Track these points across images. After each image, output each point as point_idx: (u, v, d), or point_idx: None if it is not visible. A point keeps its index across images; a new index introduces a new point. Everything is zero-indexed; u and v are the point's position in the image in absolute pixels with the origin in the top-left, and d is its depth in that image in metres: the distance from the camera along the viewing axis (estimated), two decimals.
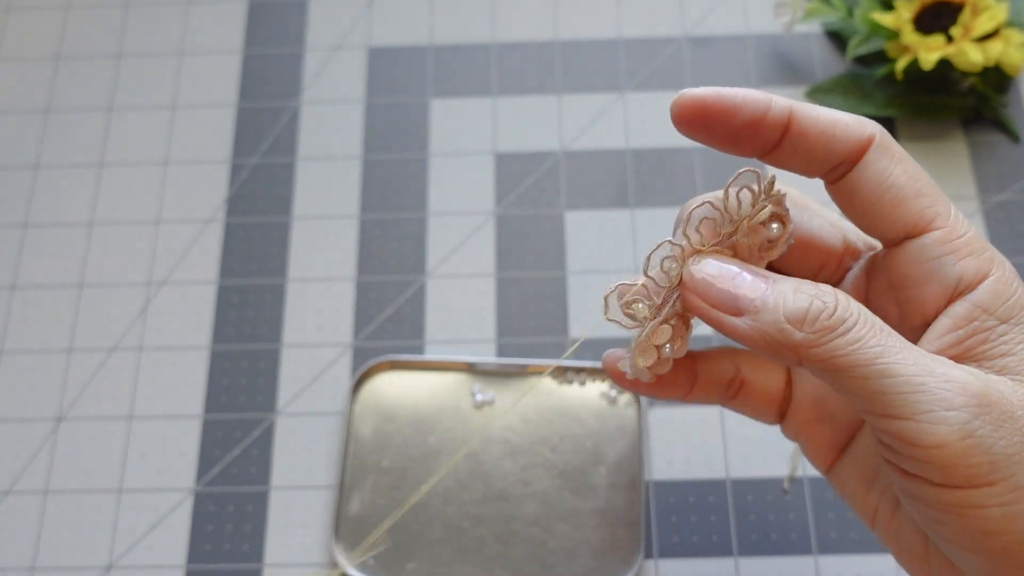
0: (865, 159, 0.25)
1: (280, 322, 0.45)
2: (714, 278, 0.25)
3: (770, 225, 0.26)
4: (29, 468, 0.42)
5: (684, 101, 0.25)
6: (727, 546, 0.39)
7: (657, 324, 0.27)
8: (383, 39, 0.51)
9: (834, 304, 0.23)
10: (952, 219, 0.25)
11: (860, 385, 0.23)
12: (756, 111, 0.25)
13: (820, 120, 0.25)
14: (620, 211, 0.46)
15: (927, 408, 0.22)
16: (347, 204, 0.47)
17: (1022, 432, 0.22)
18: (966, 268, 0.25)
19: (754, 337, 0.24)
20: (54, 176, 0.48)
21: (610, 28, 0.51)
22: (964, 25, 0.44)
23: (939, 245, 0.25)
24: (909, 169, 0.26)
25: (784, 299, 0.24)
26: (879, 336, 0.23)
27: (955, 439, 0.22)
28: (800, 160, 0.26)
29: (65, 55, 0.52)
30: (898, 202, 0.25)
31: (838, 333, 0.23)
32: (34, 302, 0.46)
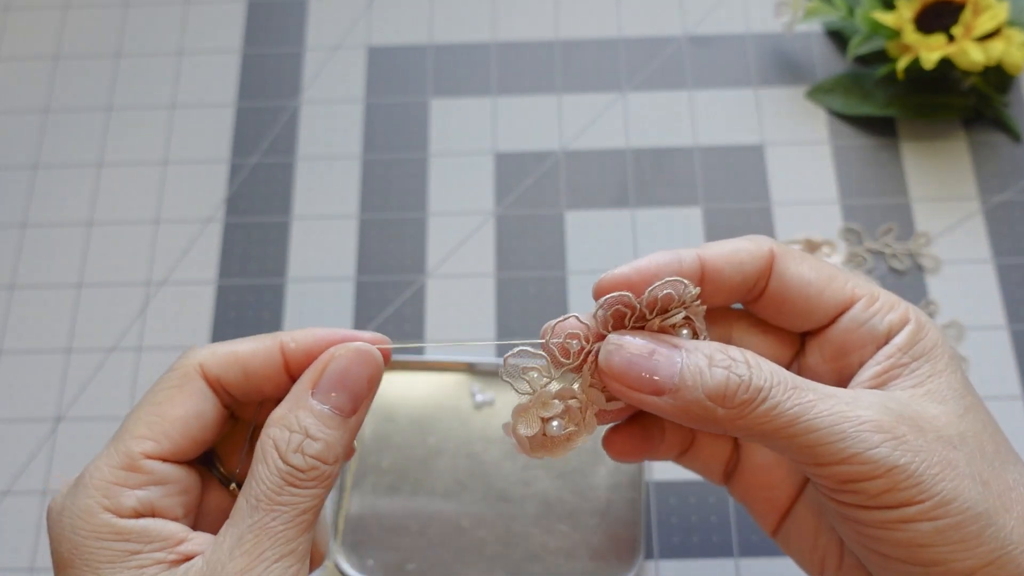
0: (777, 270, 0.29)
1: (279, 323, 0.45)
2: (628, 363, 0.26)
3: (680, 331, 0.27)
4: (28, 468, 0.42)
5: (606, 285, 0.27)
6: (728, 547, 0.39)
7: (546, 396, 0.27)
8: (383, 38, 0.51)
9: (748, 375, 0.25)
10: (865, 287, 0.29)
11: (787, 444, 0.25)
12: (671, 271, 0.27)
13: (726, 252, 0.28)
14: (620, 211, 0.46)
15: (852, 452, 0.25)
16: (347, 204, 0.47)
17: (937, 443, 0.25)
18: (892, 321, 0.28)
19: (678, 415, 0.26)
20: (53, 176, 0.48)
21: (610, 28, 0.51)
22: (965, 24, 0.44)
23: (865, 310, 0.28)
24: (814, 264, 0.29)
25: (701, 376, 0.26)
26: (794, 395, 0.25)
27: (882, 471, 0.25)
28: (723, 292, 0.29)
29: (64, 55, 0.51)
30: (821, 291, 0.29)
31: (757, 403, 0.25)
32: (33, 302, 0.45)
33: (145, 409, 0.27)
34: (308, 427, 0.26)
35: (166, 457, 0.27)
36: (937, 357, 0.28)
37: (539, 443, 0.27)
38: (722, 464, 0.32)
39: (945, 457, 0.25)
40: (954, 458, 0.25)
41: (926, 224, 0.45)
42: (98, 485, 0.26)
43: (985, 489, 0.25)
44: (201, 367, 0.28)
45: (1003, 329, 0.43)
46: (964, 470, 0.25)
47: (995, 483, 0.26)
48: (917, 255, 0.45)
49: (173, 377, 0.28)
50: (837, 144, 0.47)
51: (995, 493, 0.25)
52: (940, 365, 0.28)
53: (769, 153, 0.47)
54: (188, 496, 0.28)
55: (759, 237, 0.29)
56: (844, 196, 0.46)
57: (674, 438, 0.32)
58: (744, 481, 0.32)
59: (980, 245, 0.45)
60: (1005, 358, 0.42)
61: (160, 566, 0.25)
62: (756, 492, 0.32)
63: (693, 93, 0.49)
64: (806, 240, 0.45)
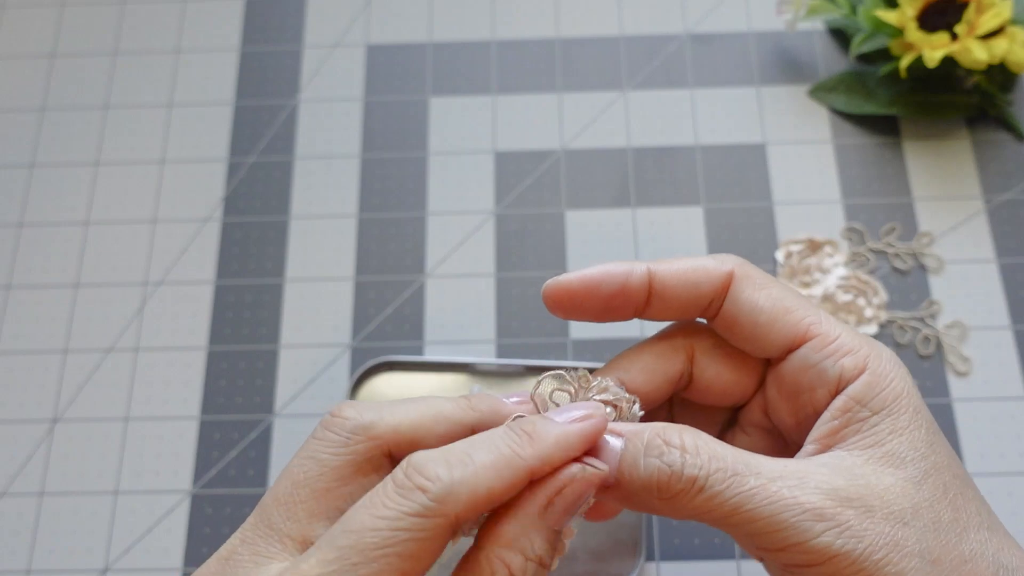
0: (731, 293, 0.28)
1: (278, 323, 0.44)
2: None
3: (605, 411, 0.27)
4: (24, 470, 0.42)
5: (551, 292, 0.28)
6: (729, 548, 0.39)
7: None
8: (382, 36, 0.51)
9: (680, 464, 0.25)
10: (824, 325, 0.28)
11: (733, 532, 0.25)
12: (616, 283, 0.28)
13: (679, 271, 0.28)
14: (621, 210, 0.46)
15: (794, 541, 0.25)
16: (345, 203, 0.47)
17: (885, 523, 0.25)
18: (844, 367, 0.27)
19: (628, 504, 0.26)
20: (49, 175, 0.48)
21: (611, 26, 0.50)
22: (969, 22, 0.43)
23: (817, 351, 0.27)
24: (774, 292, 0.28)
25: (636, 471, 0.25)
26: (735, 482, 0.25)
27: (823, 559, 0.24)
28: (673, 308, 0.29)
29: (60, 53, 0.51)
30: (772, 322, 0.28)
31: (693, 493, 0.25)
32: (29, 302, 0.45)
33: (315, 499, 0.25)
34: (542, 556, 0.24)
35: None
36: (899, 411, 0.27)
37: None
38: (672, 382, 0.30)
39: (892, 539, 0.25)
40: (902, 537, 0.25)
41: (929, 224, 0.45)
42: None
43: (934, 567, 0.25)
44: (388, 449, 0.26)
45: (1007, 329, 0.43)
46: (912, 549, 0.25)
47: (947, 558, 0.25)
48: (920, 255, 0.44)
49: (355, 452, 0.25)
50: (839, 143, 0.47)
51: (945, 571, 0.25)
52: (903, 421, 0.26)
53: (771, 152, 0.47)
54: None
55: (727, 256, 0.29)
56: (846, 195, 0.46)
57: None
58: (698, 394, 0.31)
59: (984, 245, 0.44)
60: (1009, 358, 0.42)
61: None
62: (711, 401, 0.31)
63: (694, 92, 0.49)
64: (808, 240, 0.45)
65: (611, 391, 0.28)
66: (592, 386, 0.28)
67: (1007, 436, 0.41)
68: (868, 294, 0.43)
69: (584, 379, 0.28)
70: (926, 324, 0.43)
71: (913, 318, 0.43)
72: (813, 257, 0.44)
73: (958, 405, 0.41)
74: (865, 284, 0.43)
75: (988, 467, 0.40)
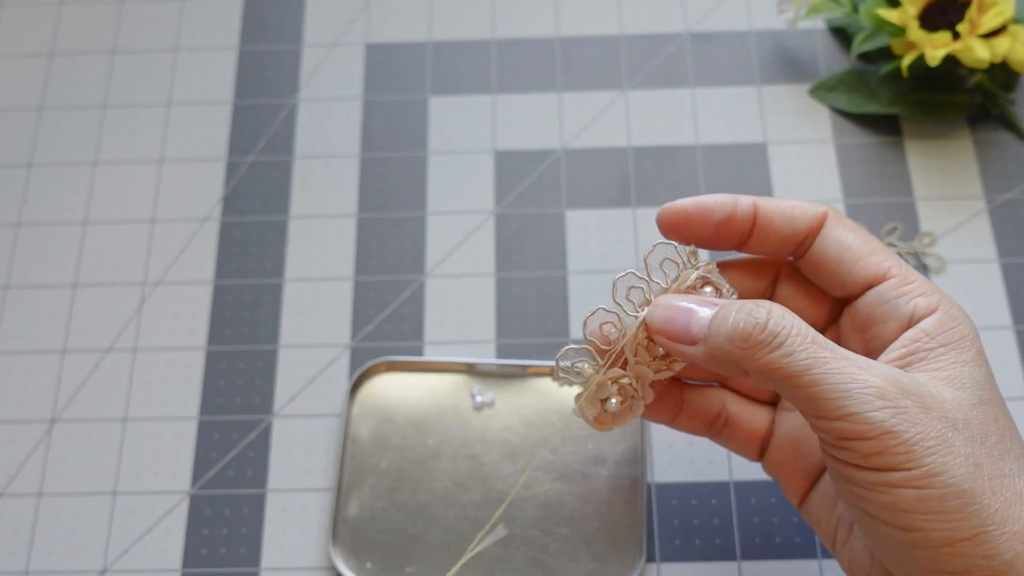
0: (823, 231, 0.31)
1: (277, 322, 0.44)
2: (667, 319, 0.30)
3: (702, 289, 0.31)
4: (22, 471, 0.42)
5: (668, 213, 0.32)
6: (730, 550, 0.39)
7: (599, 380, 0.31)
8: (381, 35, 0.51)
9: (765, 320, 0.28)
10: (904, 269, 0.31)
11: (797, 393, 0.27)
12: (725, 210, 0.31)
13: (781, 206, 0.32)
14: (622, 210, 0.46)
15: (852, 410, 0.26)
16: (345, 203, 0.47)
17: (938, 422, 0.27)
18: (918, 305, 0.30)
19: (707, 359, 0.29)
20: (47, 174, 0.48)
21: (612, 24, 0.50)
22: (971, 21, 0.43)
23: (894, 289, 0.30)
24: (861, 234, 0.32)
25: (725, 323, 0.29)
26: (810, 348, 0.27)
27: (876, 433, 0.26)
28: (772, 241, 0.32)
29: (59, 51, 0.51)
30: (856, 260, 0.31)
31: (771, 347, 0.28)
32: (27, 302, 0.45)
33: None
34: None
35: None
36: (964, 348, 0.29)
37: (604, 419, 0.32)
38: (757, 441, 0.34)
39: (941, 434, 0.27)
40: (951, 437, 0.27)
41: (931, 223, 0.45)
42: None
43: (976, 471, 0.27)
44: None
45: (1009, 329, 0.43)
46: (958, 449, 0.27)
47: (988, 467, 0.27)
48: (922, 254, 0.44)
49: None
50: (841, 142, 0.47)
51: (985, 476, 0.27)
52: (965, 356, 0.29)
53: (772, 152, 0.47)
54: None
55: (819, 202, 0.32)
56: (848, 195, 0.46)
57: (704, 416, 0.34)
58: (776, 455, 0.34)
59: (985, 244, 0.44)
60: (1011, 359, 0.42)
61: None
62: (787, 465, 0.34)
63: (695, 91, 0.48)
64: None
65: (713, 274, 0.31)
66: (700, 264, 0.31)
67: None
68: None
69: (693, 255, 0.32)
70: None
71: None
72: None
73: None
74: None
75: None
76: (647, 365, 0.31)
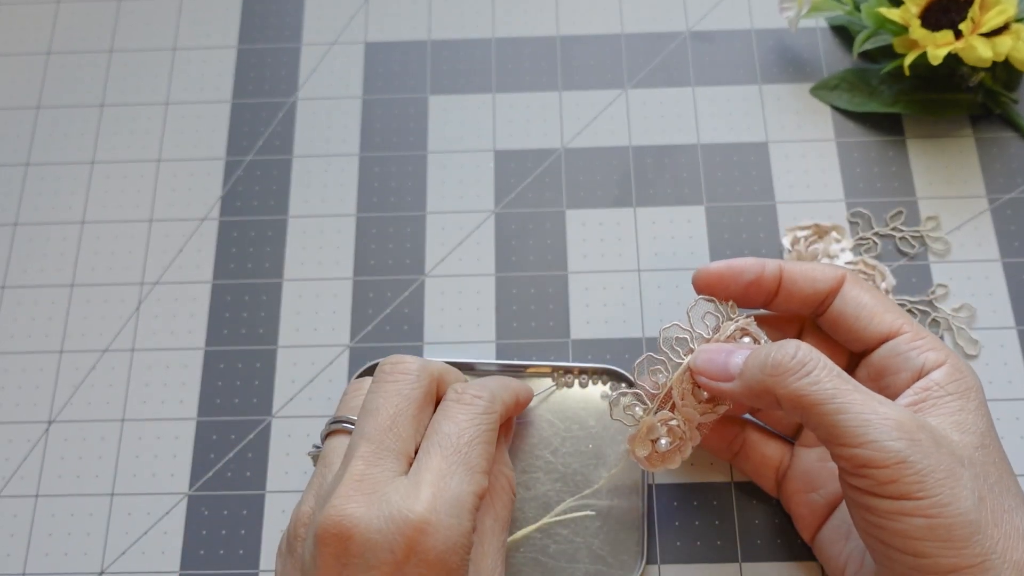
0: (842, 292, 0.35)
1: (276, 323, 0.44)
2: (708, 360, 0.33)
3: (741, 339, 0.35)
4: (19, 472, 0.41)
5: (703, 276, 0.35)
6: (731, 551, 0.39)
7: (649, 422, 0.34)
8: (380, 34, 0.50)
9: (794, 351, 0.31)
10: (915, 326, 0.34)
11: (820, 420, 0.30)
12: (753, 272, 0.35)
13: (804, 269, 0.35)
14: (622, 209, 0.46)
15: (871, 439, 0.29)
16: (344, 202, 0.46)
17: (948, 457, 0.29)
18: (928, 358, 0.33)
19: (742, 392, 0.32)
20: (45, 174, 0.48)
21: (612, 23, 0.50)
22: (973, 20, 0.43)
23: (907, 343, 0.33)
24: (876, 294, 0.35)
25: (758, 357, 0.32)
26: (835, 380, 0.30)
27: (892, 461, 0.29)
28: (795, 301, 0.36)
29: (56, 50, 0.51)
30: (872, 316, 0.34)
31: (800, 375, 0.30)
32: (24, 302, 0.45)
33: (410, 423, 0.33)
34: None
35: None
36: (970, 398, 0.32)
37: (655, 459, 0.35)
38: (772, 469, 0.37)
39: (951, 468, 0.29)
40: (959, 472, 0.29)
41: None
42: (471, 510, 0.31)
43: (980, 503, 0.29)
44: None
45: (1011, 329, 0.42)
46: (966, 483, 0.29)
47: (991, 501, 0.29)
48: (928, 238, 0.44)
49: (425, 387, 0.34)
50: (842, 142, 0.47)
51: (988, 509, 0.29)
52: (971, 405, 0.32)
53: (773, 151, 0.47)
54: None
55: (839, 267, 0.36)
56: (849, 194, 0.46)
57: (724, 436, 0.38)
58: (791, 487, 0.36)
59: (988, 244, 0.44)
60: (1014, 359, 0.42)
61: None
62: (800, 498, 0.36)
63: (696, 90, 0.48)
64: (815, 225, 0.44)
65: (752, 327, 0.35)
66: (738, 317, 0.35)
67: (1012, 436, 0.40)
68: (876, 279, 0.43)
69: (732, 308, 0.35)
70: (935, 307, 0.43)
71: (921, 301, 0.43)
72: (820, 243, 0.44)
73: None
74: (872, 269, 0.43)
75: None
76: (693, 408, 0.34)
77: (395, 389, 0.33)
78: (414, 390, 0.33)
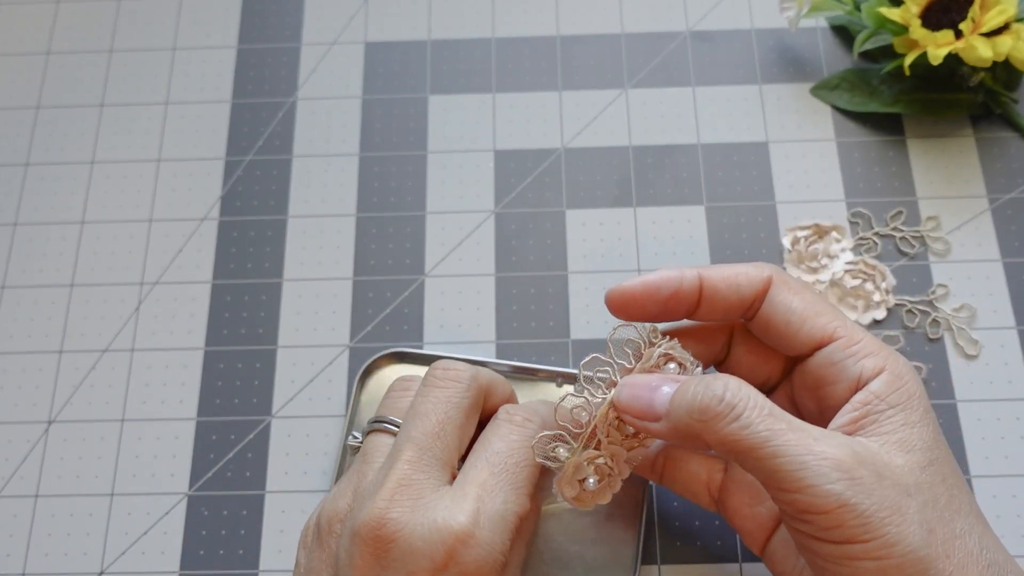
0: (769, 296, 0.33)
1: (276, 323, 0.44)
2: (632, 397, 0.31)
3: (666, 366, 0.32)
4: (18, 472, 0.41)
5: (615, 296, 0.33)
6: (732, 551, 0.39)
7: (575, 463, 0.32)
8: (380, 34, 0.50)
9: (722, 392, 0.29)
10: (849, 329, 0.32)
11: (757, 465, 0.28)
12: (671, 287, 0.33)
13: (726, 275, 0.33)
14: (622, 209, 0.46)
15: (810, 483, 0.27)
16: (344, 202, 0.46)
17: (892, 490, 0.28)
18: (865, 366, 0.31)
19: (670, 433, 0.30)
20: (44, 174, 0.48)
21: (612, 23, 0.50)
22: (973, 20, 0.43)
23: (841, 350, 0.31)
24: (807, 296, 0.32)
25: (684, 397, 0.30)
26: (767, 420, 0.28)
27: (833, 507, 0.27)
28: (719, 309, 0.33)
29: (56, 50, 0.51)
30: (803, 322, 0.32)
31: (729, 419, 0.28)
32: (24, 302, 0.45)
33: (457, 432, 0.33)
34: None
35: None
36: (912, 408, 0.30)
37: (584, 498, 0.33)
38: (702, 484, 0.34)
39: (896, 503, 0.27)
40: (905, 505, 0.28)
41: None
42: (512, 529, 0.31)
43: (930, 536, 0.27)
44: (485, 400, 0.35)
45: (1012, 330, 0.42)
46: (913, 516, 0.27)
47: (940, 531, 0.28)
48: (928, 238, 0.44)
49: (473, 396, 0.34)
50: (842, 141, 0.47)
51: (939, 540, 0.28)
52: (914, 417, 0.30)
53: (773, 151, 0.47)
54: None
55: (764, 264, 0.33)
56: (849, 194, 0.45)
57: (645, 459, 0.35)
58: (731, 503, 0.34)
59: (988, 244, 0.44)
60: (1014, 359, 0.42)
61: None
62: (743, 512, 0.34)
63: (696, 90, 0.48)
64: (815, 225, 0.44)
65: (676, 349, 0.32)
66: (661, 342, 0.33)
67: (1011, 437, 0.40)
68: (876, 279, 0.43)
69: (654, 333, 0.33)
70: (935, 307, 0.43)
71: (921, 302, 0.43)
72: (820, 243, 0.44)
73: (962, 406, 0.41)
74: (872, 269, 0.43)
75: (993, 469, 0.40)
76: (619, 444, 0.33)
77: (445, 396, 0.33)
78: (464, 399, 0.33)
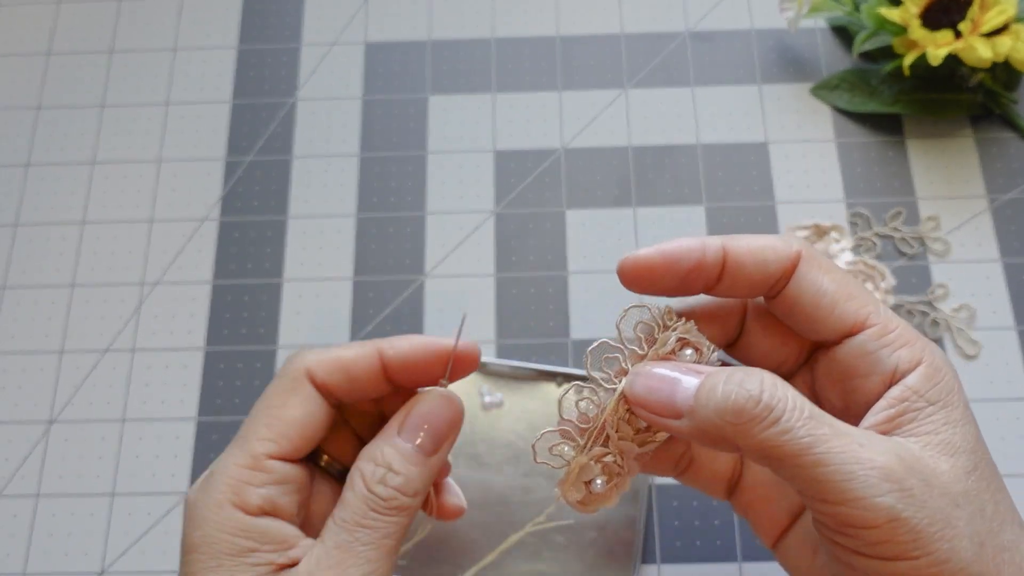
0: (797, 273, 0.29)
1: (276, 323, 0.44)
2: (648, 390, 0.28)
3: (682, 352, 0.29)
4: (20, 472, 0.41)
5: (629, 266, 0.29)
6: (731, 551, 0.39)
7: (581, 463, 0.29)
8: (380, 34, 0.50)
9: (759, 392, 0.25)
10: (883, 315, 0.28)
11: (796, 473, 0.25)
12: (693, 257, 0.28)
13: (751, 247, 0.29)
14: (622, 209, 0.46)
15: (858, 495, 0.24)
16: (344, 202, 0.46)
17: (941, 500, 0.25)
18: (901, 358, 0.28)
19: (694, 433, 0.27)
20: (45, 174, 0.48)
21: (612, 23, 0.50)
22: (973, 20, 0.43)
23: (875, 339, 0.28)
24: (837, 276, 0.29)
25: (713, 394, 0.26)
26: (809, 425, 0.25)
27: (883, 521, 0.24)
28: (742, 285, 0.29)
29: (56, 51, 0.51)
30: (833, 306, 0.28)
31: (767, 423, 0.25)
32: (25, 302, 0.45)
33: (263, 412, 0.29)
34: (392, 462, 0.28)
35: (285, 456, 0.28)
36: (953, 405, 0.27)
37: (589, 501, 0.29)
38: (723, 482, 0.32)
39: (947, 515, 0.25)
40: (955, 517, 0.25)
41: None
42: (228, 482, 0.28)
43: (980, 550, 0.25)
44: (308, 372, 0.29)
45: (1011, 330, 0.42)
46: (963, 530, 0.25)
47: (990, 544, 0.26)
48: (927, 238, 0.44)
49: (285, 382, 0.29)
50: (842, 142, 0.47)
51: (989, 555, 0.25)
52: (956, 415, 0.27)
53: (773, 151, 0.47)
54: (301, 494, 0.29)
55: (792, 237, 0.29)
56: (849, 194, 0.45)
57: (669, 456, 0.32)
58: (746, 496, 0.32)
59: (988, 244, 0.44)
60: (1014, 359, 0.42)
61: (270, 567, 0.27)
62: (758, 507, 0.32)
63: (696, 90, 0.48)
64: (814, 225, 0.44)
65: (692, 333, 0.29)
66: (677, 324, 0.29)
67: (1011, 437, 0.40)
68: (876, 279, 0.43)
69: (669, 314, 0.29)
70: (934, 308, 0.43)
71: (921, 302, 0.43)
72: (820, 243, 0.44)
73: None
74: (872, 269, 0.43)
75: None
76: (630, 440, 0.29)
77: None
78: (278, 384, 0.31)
